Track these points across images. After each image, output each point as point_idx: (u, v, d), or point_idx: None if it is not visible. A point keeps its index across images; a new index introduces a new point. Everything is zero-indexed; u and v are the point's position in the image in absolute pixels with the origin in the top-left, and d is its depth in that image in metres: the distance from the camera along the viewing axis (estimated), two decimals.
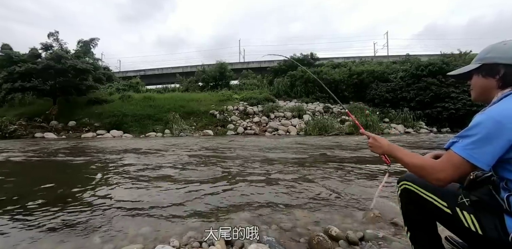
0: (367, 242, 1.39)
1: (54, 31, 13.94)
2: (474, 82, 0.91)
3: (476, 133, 0.75)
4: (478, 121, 0.76)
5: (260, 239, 1.40)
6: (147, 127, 12.64)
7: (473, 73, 0.91)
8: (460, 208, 0.85)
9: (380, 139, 1.02)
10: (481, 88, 0.90)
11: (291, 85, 17.72)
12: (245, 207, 1.97)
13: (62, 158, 4.73)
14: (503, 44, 0.85)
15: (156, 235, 1.51)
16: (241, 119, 13.73)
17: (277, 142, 7.80)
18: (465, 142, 0.76)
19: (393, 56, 25.45)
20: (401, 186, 1.03)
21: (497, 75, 0.83)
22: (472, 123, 0.78)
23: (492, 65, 0.84)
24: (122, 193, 2.40)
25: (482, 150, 0.73)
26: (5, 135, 10.61)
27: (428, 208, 0.94)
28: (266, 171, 3.33)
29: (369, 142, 1.05)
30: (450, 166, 0.77)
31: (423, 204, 0.95)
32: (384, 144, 1.00)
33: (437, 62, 15.11)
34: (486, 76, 0.86)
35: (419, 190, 0.96)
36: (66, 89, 13.79)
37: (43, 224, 1.67)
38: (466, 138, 0.77)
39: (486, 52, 0.87)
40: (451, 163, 0.77)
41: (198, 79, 21.29)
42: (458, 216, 0.84)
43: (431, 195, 0.92)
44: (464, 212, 0.84)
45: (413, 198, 0.98)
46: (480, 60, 0.88)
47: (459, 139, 0.79)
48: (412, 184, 0.98)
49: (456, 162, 0.76)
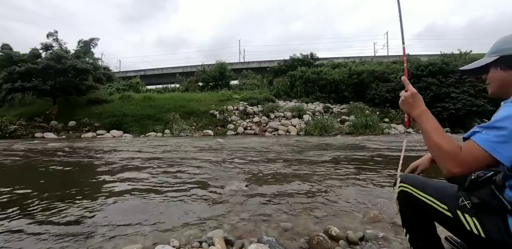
0: (367, 242, 1.39)
1: (54, 31, 13.95)
2: (492, 76, 0.86)
3: (504, 126, 0.69)
4: (508, 113, 0.70)
5: (260, 239, 1.40)
6: (147, 127, 12.63)
7: (490, 66, 0.86)
8: (461, 211, 0.82)
9: (419, 100, 0.89)
10: (501, 81, 0.84)
11: (291, 85, 17.71)
12: (245, 207, 1.97)
13: (61, 158, 4.73)
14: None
15: (156, 235, 1.51)
16: (241, 119, 13.72)
17: (271, 142, 7.79)
18: (491, 134, 0.70)
19: (393, 56, 25.42)
20: (399, 188, 1.00)
21: None
22: (501, 114, 0.71)
23: (510, 57, 0.80)
24: (121, 193, 2.40)
25: (508, 144, 0.68)
26: (5, 135, 10.60)
27: (427, 211, 0.91)
28: (266, 171, 3.33)
29: (404, 96, 0.92)
30: (470, 157, 0.71)
31: (421, 207, 0.92)
32: (419, 107, 0.88)
33: (437, 62, 15.11)
34: (506, 69, 0.82)
35: (417, 193, 0.92)
36: (66, 89, 13.78)
37: (42, 224, 1.67)
38: (492, 130, 0.71)
39: (503, 43, 0.83)
40: (472, 155, 0.71)
41: (198, 79, 21.29)
42: (460, 219, 0.81)
43: (430, 197, 0.89)
44: (466, 215, 0.80)
45: (411, 200, 0.95)
46: (496, 53, 0.83)
47: (483, 130, 0.72)
48: (410, 186, 0.95)
49: (478, 154, 0.70)
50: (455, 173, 0.74)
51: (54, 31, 13.95)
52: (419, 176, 1.02)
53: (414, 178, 1.00)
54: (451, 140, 0.77)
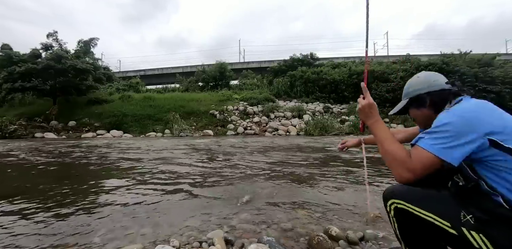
0: (367, 242, 1.39)
1: (53, 31, 13.97)
2: (413, 114, 1.01)
3: (444, 130, 0.75)
4: (446, 119, 0.77)
5: (260, 239, 1.40)
6: (147, 127, 12.64)
7: (408, 108, 1.00)
8: (466, 228, 0.73)
9: (375, 110, 0.96)
10: (421, 117, 0.99)
11: (291, 85, 17.72)
12: (245, 207, 1.97)
13: (61, 159, 4.73)
14: (417, 77, 0.99)
15: (156, 235, 1.51)
16: (241, 119, 13.73)
17: (274, 142, 7.79)
18: (436, 139, 0.75)
19: (393, 56, 25.42)
20: (391, 205, 0.89)
21: (425, 104, 0.94)
22: (441, 121, 0.78)
23: (417, 97, 0.95)
24: (121, 193, 2.40)
25: (451, 145, 0.73)
26: (5, 135, 10.60)
27: (430, 229, 0.80)
28: (265, 172, 3.33)
29: (362, 105, 0.97)
30: (418, 162, 0.75)
31: (423, 225, 0.81)
32: (374, 117, 0.95)
33: (437, 62, 15.14)
34: (418, 108, 0.97)
35: (415, 210, 0.82)
36: (66, 89, 13.79)
37: (42, 224, 1.67)
38: (434, 134, 0.76)
39: (407, 87, 0.99)
40: (420, 159, 0.75)
41: (198, 79, 21.29)
42: (465, 237, 0.73)
43: (430, 214, 0.79)
44: (472, 233, 0.72)
45: (410, 219, 0.84)
46: (406, 96, 0.99)
47: (427, 135, 0.78)
48: (404, 202, 0.85)
49: (425, 158, 0.74)
50: (406, 178, 0.77)
51: (54, 31, 14.00)
52: (405, 186, 0.88)
53: (403, 191, 0.88)
54: (401, 147, 0.82)
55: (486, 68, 15.28)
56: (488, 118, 0.74)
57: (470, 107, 0.78)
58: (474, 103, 0.81)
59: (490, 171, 0.74)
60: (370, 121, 0.96)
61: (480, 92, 14.13)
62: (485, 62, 16.48)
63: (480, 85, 14.24)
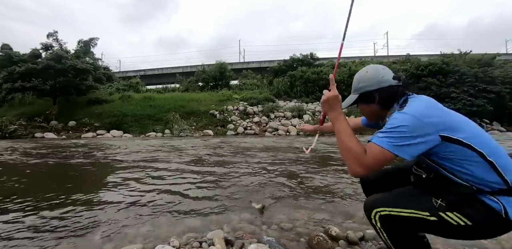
0: (367, 242, 1.39)
1: (53, 31, 13.97)
2: (362, 108, 1.06)
3: (400, 131, 0.80)
4: (401, 121, 0.81)
5: (260, 239, 1.40)
6: (147, 127, 12.63)
7: (357, 102, 1.04)
8: (442, 211, 0.83)
9: (339, 103, 0.98)
10: (369, 112, 1.05)
11: (291, 85, 17.72)
12: (245, 207, 1.97)
13: (60, 159, 4.73)
14: (365, 72, 1.01)
15: (156, 235, 1.51)
16: (241, 119, 13.72)
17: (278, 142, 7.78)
18: (392, 137, 0.80)
19: (393, 56, 25.43)
20: (375, 216, 0.91)
21: (375, 100, 0.98)
22: (395, 121, 0.83)
23: (367, 93, 0.99)
24: (121, 193, 2.40)
25: (406, 143, 0.79)
26: (5, 135, 10.59)
27: (414, 224, 0.87)
28: (265, 172, 3.33)
29: (327, 97, 0.98)
30: (372, 158, 0.81)
31: (408, 223, 0.87)
32: (337, 110, 0.97)
33: (437, 62, 15.13)
34: (368, 103, 1.01)
35: (397, 211, 0.87)
36: (66, 89, 13.78)
37: (42, 224, 1.67)
38: (391, 134, 0.81)
39: (357, 82, 1.02)
40: (374, 155, 0.81)
41: (198, 79, 21.29)
42: (444, 219, 0.83)
43: (409, 210, 0.86)
44: (448, 213, 0.82)
45: (396, 222, 0.88)
46: (356, 91, 1.02)
47: (383, 134, 0.83)
48: (385, 208, 0.89)
49: (380, 155, 0.80)
50: (359, 172, 0.82)
51: (54, 31, 13.99)
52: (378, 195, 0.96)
53: (379, 199, 0.94)
54: (358, 143, 0.86)
55: (486, 68, 15.29)
56: (439, 117, 0.82)
57: (422, 108, 0.84)
58: (424, 103, 0.87)
59: (445, 160, 0.84)
60: (333, 113, 0.97)
61: (480, 92, 14.13)
62: (485, 62, 16.48)
63: (480, 85, 14.24)
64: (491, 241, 1.37)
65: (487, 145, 0.82)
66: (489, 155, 0.80)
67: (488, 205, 0.79)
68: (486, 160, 0.80)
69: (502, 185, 0.80)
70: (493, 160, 0.80)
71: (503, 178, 0.80)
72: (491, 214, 0.78)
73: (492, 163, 0.80)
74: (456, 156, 0.82)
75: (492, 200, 0.79)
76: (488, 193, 0.80)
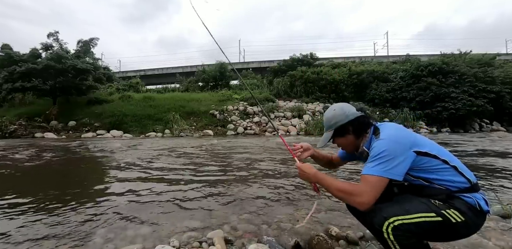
0: (367, 242, 1.39)
1: (54, 31, 13.95)
2: (340, 142, 1.19)
3: (384, 155, 0.93)
4: (382, 147, 0.95)
5: (260, 239, 1.40)
6: (147, 127, 12.62)
7: (333, 137, 1.17)
8: (443, 209, 0.90)
9: (307, 168, 1.10)
10: (346, 143, 1.17)
11: (291, 85, 17.72)
12: (245, 207, 1.97)
13: (60, 159, 4.73)
14: (333, 110, 1.15)
15: (156, 235, 1.51)
16: (241, 119, 13.72)
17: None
18: (378, 164, 0.93)
19: (393, 56, 25.46)
20: (388, 227, 0.89)
21: (349, 131, 1.13)
22: (378, 149, 0.95)
23: (340, 128, 1.13)
24: (121, 194, 2.40)
25: (392, 166, 0.91)
26: (5, 135, 10.59)
27: (425, 229, 0.89)
28: (265, 172, 3.33)
29: (298, 173, 1.14)
30: (371, 188, 0.91)
31: (420, 228, 0.88)
32: (310, 174, 1.08)
33: (437, 62, 15.11)
34: (344, 135, 1.15)
35: (408, 218, 0.89)
36: (66, 89, 13.77)
37: (42, 225, 1.67)
38: (377, 161, 0.93)
39: (329, 121, 1.15)
40: (372, 185, 0.91)
41: (198, 79, 21.29)
42: (447, 217, 0.89)
43: (418, 214, 0.89)
44: (448, 210, 0.90)
45: (411, 230, 0.88)
46: (330, 128, 1.15)
47: (371, 164, 0.94)
48: (397, 217, 0.89)
49: (378, 183, 0.91)
50: (367, 204, 0.91)
51: (55, 31, 13.96)
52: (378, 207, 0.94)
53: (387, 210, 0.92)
54: (345, 182, 0.99)
55: (486, 68, 15.28)
56: (408, 137, 0.98)
57: (393, 131, 1.01)
58: (393, 127, 1.04)
59: (422, 172, 0.97)
60: (312, 179, 1.09)
61: (480, 92, 14.12)
62: (485, 62, 16.49)
63: (480, 85, 14.23)
64: (491, 241, 1.37)
65: (444, 153, 0.99)
66: (450, 161, 0.97)
67: (466, 201, 0.91)
68: (449, 165, 0.96)
69: (467, 184, 0.94)
70: (455, 164, 0.96)
71: (466, 178, 0.95)
72: (472, 208, 0.90)
73: (455, 167, 0.96)
74: (429, 166, 0.96)
75: (466, 196, 0.92)
76: (460, 191, 0.93)
